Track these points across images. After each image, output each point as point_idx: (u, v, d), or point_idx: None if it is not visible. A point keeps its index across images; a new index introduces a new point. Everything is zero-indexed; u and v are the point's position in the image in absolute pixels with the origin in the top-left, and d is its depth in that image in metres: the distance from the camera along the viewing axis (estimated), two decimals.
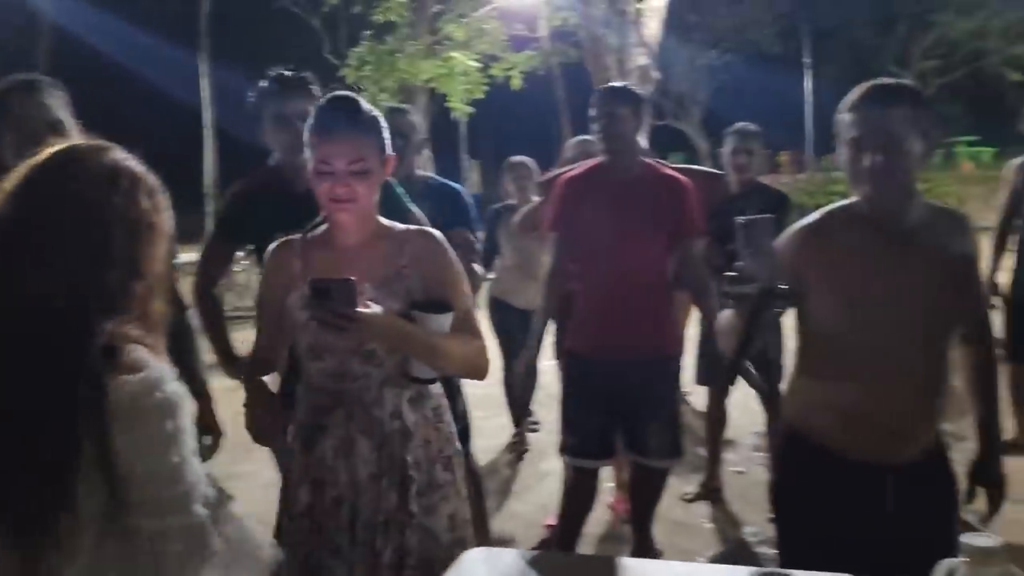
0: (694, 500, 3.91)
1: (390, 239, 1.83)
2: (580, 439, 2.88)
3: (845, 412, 1.72)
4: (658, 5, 9.60)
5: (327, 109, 1.76)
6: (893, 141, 1.62)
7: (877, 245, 1.70)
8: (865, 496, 1.72)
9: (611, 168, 2.83)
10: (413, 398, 1.82)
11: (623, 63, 9.30)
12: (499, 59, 10.15)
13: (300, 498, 1.79)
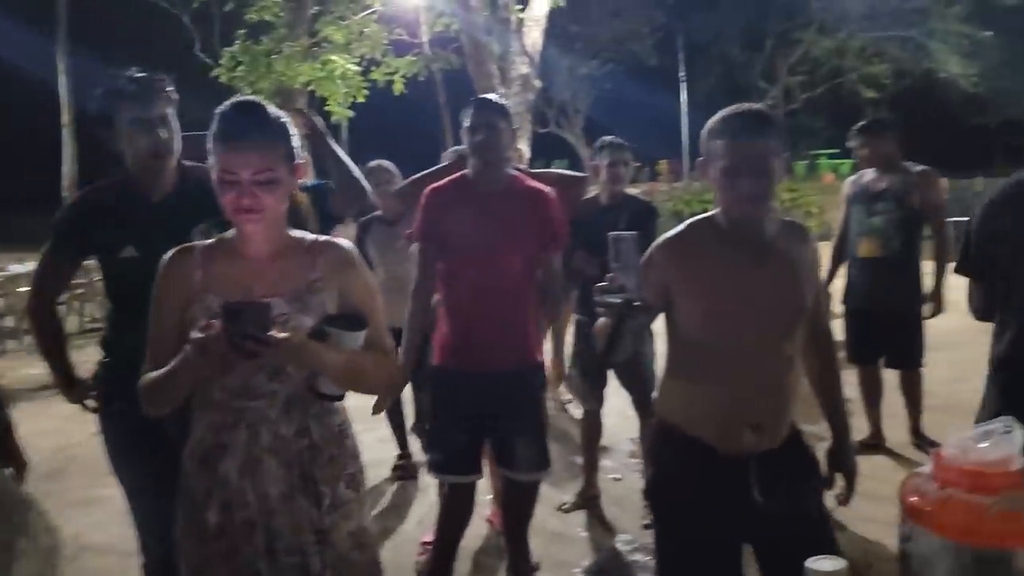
0: (571, 510, 3.92)
1: (301, 251, 1.76)
2: (446, 455, 2.84)
3: (710, 410, 1.88)
4: (539, 15, 9.73)
5: (231, 115, 1.67)
6: (761, 168, 1.79)
7: (735, 257, 1.85)
8: (731, 483, 1.87)
9: (478, 180, 2.81)
10: (319, 415, 1.76)
11: (505, 71, 9.37)
12: (380, 63, 10.02)
13: (209, 520, 1.70)
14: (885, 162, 4.37)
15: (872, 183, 4.40)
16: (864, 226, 4.39)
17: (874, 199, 4.35)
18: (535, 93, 9.60)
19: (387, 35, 9.82)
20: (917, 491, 1.28)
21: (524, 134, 9.49)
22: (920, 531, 1.25)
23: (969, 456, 1.25)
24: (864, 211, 4.40)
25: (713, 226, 1.91)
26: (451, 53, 10.48)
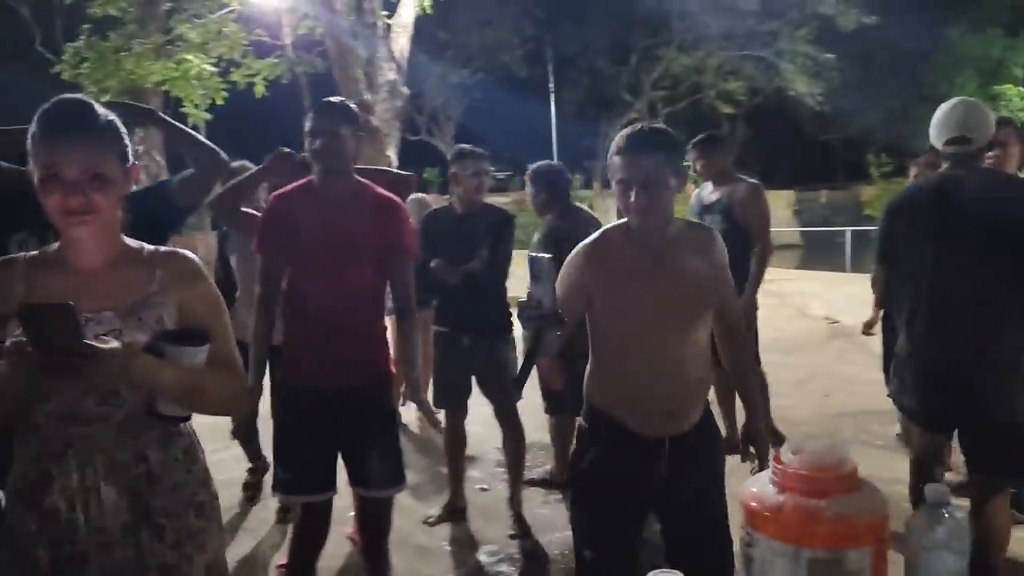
0: (436, 523, 3.86)
1: (138, 262, 1.63)
2: (294, 474, 2.72)
3: (628, 397, 2.10)
4: (407, 20, 9.65)
5: (55, 112, 1.54)
6: (650, 181, 1.98)
7: (639, 259, 2.05)
8: (647, 462, 2.10)
9: (324, 187, 2.71)
10: (160, 439, 1.64)
11: (373, 77, 9.23)
12: (240, 64, 9.65)
13: (40, 558, 1.56)
14: (718, 175, 4.55)
15: (706, 195, 4.58)
16: None
17: (706, 211, 4.52)
18: (404, 100, 9.51)
19: (247, 36, 9.47)
20: (756, 496, 1.29)
21: (392, 141, 9.38)
22: (759, 536, 1.26)
23: (804, 461, 1.28)
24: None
25: (623, 231, 2.11)
26: (315, 57, 10.22)
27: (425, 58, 19.69)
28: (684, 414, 2.12)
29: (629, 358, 2.08)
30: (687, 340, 2.09)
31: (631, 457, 2.11)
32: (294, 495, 2.78)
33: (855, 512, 1.24)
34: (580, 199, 21.64)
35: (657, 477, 2.10)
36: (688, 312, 2.09)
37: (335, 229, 2.64)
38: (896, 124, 24.01)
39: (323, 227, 2.64)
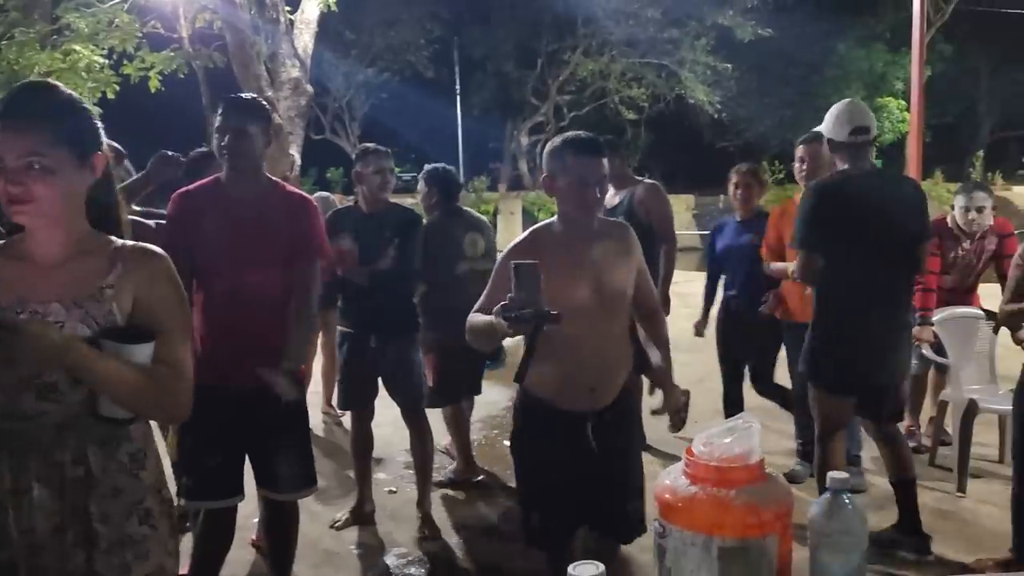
0: (344, 527, 3.79)
1: (102, 255, 1.58)
2: (199, 480, 2.63)
3: (558, 379, 2.34)
4: (311, 17, 9.44)
5: (9, 97, 1.51)
6: (604, 180, 2.33)
7: (569, 253, 2.32)
8: (575, 435, 2.37)
9: (232, 185, 2.64)
10: (103, 441, 1.57)
11: (275, 74, 8.99)
12: (134, 57, 9.22)
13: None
14: (617, 179, 4.64)
15: (608, 199, 4.67)
16: None
17: (609, 214, 4.61)
18: (308, 98, 9.30)
19: (141, 27, 9.05)
20: (669, 488, 1.32)
21: (296, 140, 9.17)
22: (672, 527, 1.29)
23: (714, 452, 1.31)
24: None
25: (550, 229, 2.39)
26: (214, 51, 9.88)
27: (330, 56, 19.37)
28: (606, 390, 2.40)
29: (559, 343, 2.20)
30: (612, 324, 2.36)
31: (562, 431, 2.37)
32: (200, 501, 2.68)
33: (762, 501, 1.28)
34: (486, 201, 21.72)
35: (587, 447, 2.37)
36: (614, 299, 2.36)
37: (243, 227, 2.57)
38: (789, 132, 25.09)
39: (230, 225, 2.57)
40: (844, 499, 1.29)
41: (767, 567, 1.26)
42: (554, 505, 2.44)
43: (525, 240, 2.38)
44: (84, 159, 1.54)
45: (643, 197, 4.41)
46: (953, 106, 24.45)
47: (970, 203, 4.35)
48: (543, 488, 2.45)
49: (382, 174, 3.67)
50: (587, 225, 2.36)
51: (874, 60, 24.16)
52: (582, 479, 2.40)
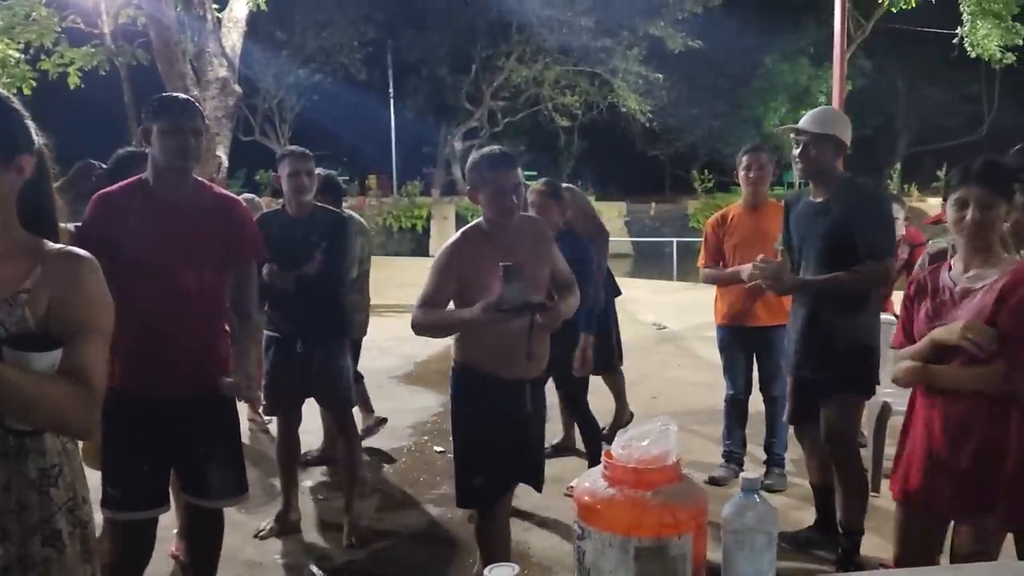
0: (268, 536, 3.71)
1: (24, 258, 1.51)
2: (124, 490, 2.54)
3: (499, 351, 2.69)
4: (240, 16, 9.25)
5: None
6: (519, 188, 2.76)
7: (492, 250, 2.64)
8: (515, 400, 2.78)
9: (159, 186, 2.56)
10: (10, 455, 1.47)
11: (201, 72, 8.77)
12: (52, 52, 8.90)
13: None
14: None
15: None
16: None
17: None
18: (236, 98, 9.11)
19: (60, 21, 8.74)
20: (588, 491, 1.33)
21: (224, 141, 8.96)
22: (590, 529, 1.30)
23: (632, 455, 1.33)
24: None
25: (478, 229, 2.76)
26: (138, 48, 9.59)
27: (260, 56, 19.01)
28: (541, 357, 2.78)
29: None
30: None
31: (503, 397, 2.74)
32: (124, 512, 2.58)
33: (678, 501, 1.30)
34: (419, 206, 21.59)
35: (526, 411, 2.81)
36: (536, 280, 2.70)
37: (170, 229, 2.50)
38: (717, 142, 25.69)
39: (158, 227, 2.49)
40: (755, 498, 1.32)
41: (683, 566, 1.28)
42: (496, 467, 2.77)
43: (459, 240, 2.74)
44: (10, 161, 1.49)
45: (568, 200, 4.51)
46: (872, 120, 25.36)
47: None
48: (486, 452, 2.76)
49: (297, 177, 3.59)
50: (508, 224, 2.72)
51: (799, 74, 24.93)
52: (520, 440, 2.81)
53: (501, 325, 2.56)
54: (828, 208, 3.21)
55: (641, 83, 22.09)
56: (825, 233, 3.20)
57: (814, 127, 3.24)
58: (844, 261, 3.13)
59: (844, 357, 3.19)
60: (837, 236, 3.15)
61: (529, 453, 2.89)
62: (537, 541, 3.64)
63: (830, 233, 3.18)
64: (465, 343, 2.80)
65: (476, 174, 2.70)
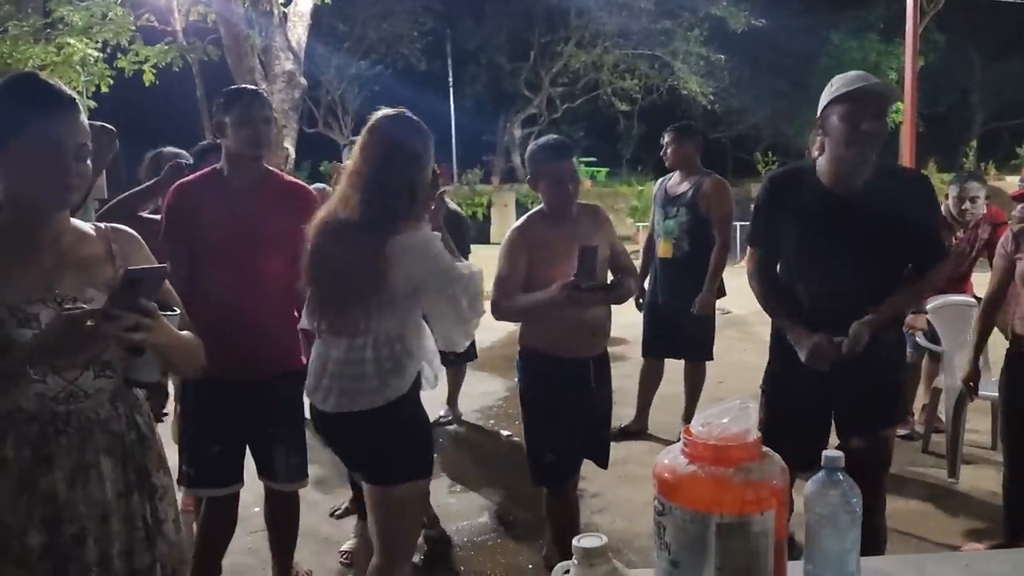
0: (344, 515, 3.82)
1: (93, 239, 1.67)
2: (202, 468, 2.67)
3: (563, 332, 2.80)
4: (304, 10, 9.43)
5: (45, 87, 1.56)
6: (575, 177, 2.86)
7: (558, 232, 2.82)
8: (580, 379, 2.88)
9: (232, 175, 2.65)
10: (137, 404, 1.72)
11: (269, 66, 8.98)
12: (128, 51, 9.21)
13: (30, 543, 1.54)
14: (685, 166, 4.66)
15: (672, 187, 4.69)
16: (660, 228, 4.68)
17: (671, 203, 4.63)
18: (301, 91, 9.31)
19: (135, 20, 9.04)
20: (668, 467, 1.35)
21: (291, 133, 9.17)
22: (671, 505, 1.31)
23: (712, 432, 1.34)
24: (662, 214, 4.68)
25: (543, 215, 2.91)
26: (208, 44, 9.85)
27: (323, 49, 19.31)
28: (603, 334, 2.94)
29: None
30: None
31: (568, 377, 2.85)
32: (200, 489, 2.72)
33: (760, 478, 1.30)
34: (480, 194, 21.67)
35: (589, 389, 2.90)
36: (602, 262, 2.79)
37: (245, 217, 2.59)
38: (782, 123, 25.10)
39: (230, 216, 2.58)
40: (839, 475, 1.32)
41: (765, 542, 1.29)
42: (564, 446, 2.88)
43: (524, 222, 2.91)
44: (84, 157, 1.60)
45: (708, 191, 4.47)
46: (946, 96, 24.47)
47: (964, 193, 4.39)
48: (555, 432, 2.86)
49: None
50: (567, 211, 2.86)
51: (868, 50, 24.15)
52: (586, 418, 2.91)
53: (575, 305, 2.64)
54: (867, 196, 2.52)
55: (702, 64, 21.73)
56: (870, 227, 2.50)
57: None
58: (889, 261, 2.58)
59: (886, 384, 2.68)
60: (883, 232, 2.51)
61: (594, 430, 3.00)
62: (604, 523, 3.67)
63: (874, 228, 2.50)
64: (530, 326, 2.93)
65: (533, 164, 2.87)
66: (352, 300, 2.16)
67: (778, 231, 2.68)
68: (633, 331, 5.04)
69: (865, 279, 2.53)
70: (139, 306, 1.47)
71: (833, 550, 1.32)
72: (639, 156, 26.62)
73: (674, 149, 4.66)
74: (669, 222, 4.60)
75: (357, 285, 2.15)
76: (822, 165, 2.60)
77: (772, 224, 2.70)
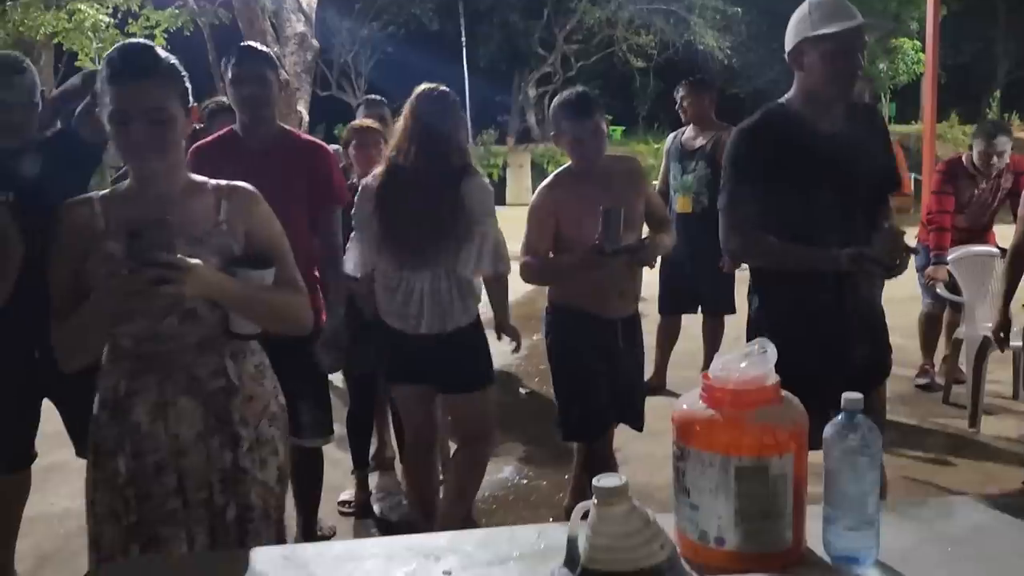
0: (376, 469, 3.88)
1: (205, 193, 1.80)
2: None
3: (594, 290, 2.75)
4: None
5: (121, 56, 1.67)
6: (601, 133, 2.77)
7: (588, 189, 2.72)
8: (609, 336, 2.85)
9: (247, 136, 2.65)
10: (235, 354, 1.81)
11: (280, 29, 8.91)
12: (139, 16, 9.17)
13: (119, 468, 1.73)
14: (702, 120, 4.59)
15: (688, 141, 4.63)
16: (678, 183, 4.62)
17: (688, 157, 4.57)
18: (314, 53, 9.24)
19: None
20: (687, 412, 1.35)
21: (304, 96, 9.12)
22: (690, 449, 1.32)
23: (731, 376, 1.34)
24: (679, 168, 4.62)
25: (571, 172, 2.84)
26: (219, 8, 9.79)
27: (333, 11, 19.11)
28: (632, 295, 2.92)
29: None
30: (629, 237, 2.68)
31: (596, 334, 2.82)
32: None
33: (779, 422, 1.31)
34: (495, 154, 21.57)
35: (617, 348, 2.87)
36: (632, 218, 2.75)
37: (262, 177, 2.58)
38: None
39: (249, 175, 2.57)
40: (859, 419, 1.32)
41: (783, 485, 1.29)
42: (592, 401, 2.87)
43: (551, 182, 2.87)
44: (187, 109, 1.74)
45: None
46: (969, 46, 23.90)
47: (992, 148, 4.32)
48: (583, 388, 2.87)
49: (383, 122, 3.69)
50: (595, 166, 2.78)
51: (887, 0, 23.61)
52: (614, 377, 2.88)
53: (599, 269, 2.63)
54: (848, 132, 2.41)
55: (719, 18, 21.35)
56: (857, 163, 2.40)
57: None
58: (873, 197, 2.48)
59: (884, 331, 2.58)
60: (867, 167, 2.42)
61: (625, 394, 2.96)
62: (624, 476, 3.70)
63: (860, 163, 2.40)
64: (559, 283, 2.92)
65: (556, 121, 2.80)
66: (433, 236, 2.61)
67: (761, 186, 2.36)
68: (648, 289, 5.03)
69: (858, 218, 2.38)
70: (155, 259, 1.50)
71: (853, 492, 1.32)
72: (655, 114, 26.28)
73: (691, 103, 4.60)
74: (687, 177, 4.55)
75: (437, 223, 2.60)
76: (798, 105, 2.37)
77: (756, 179, 2.37)
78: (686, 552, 1.31)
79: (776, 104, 2.44)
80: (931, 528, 1.42)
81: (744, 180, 2.40)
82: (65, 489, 3.62)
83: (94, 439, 1.78)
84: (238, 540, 1.79)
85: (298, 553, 1.50)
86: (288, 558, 1.47)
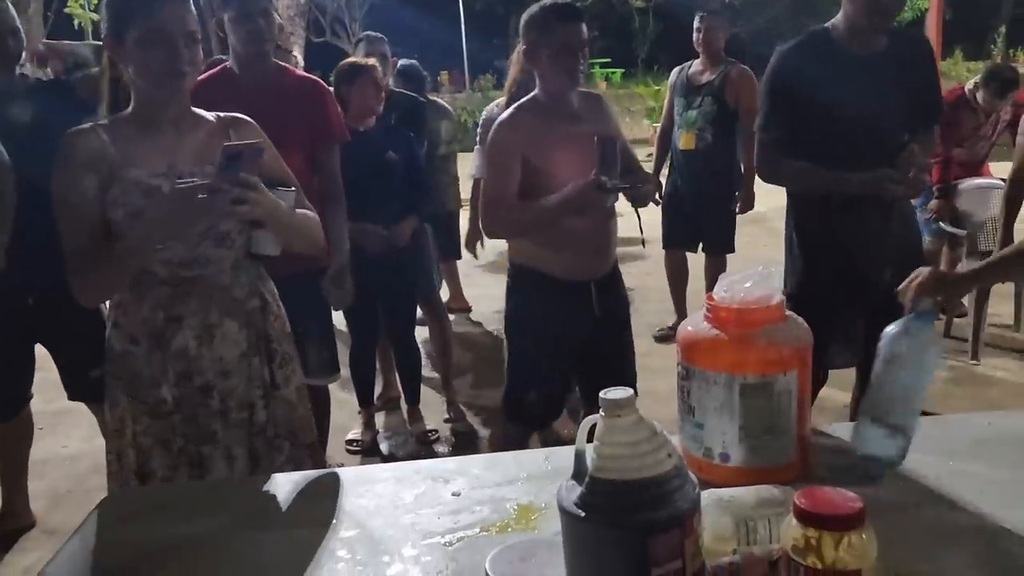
0: (382, 409, 3.93)
1: (210, 123, 1.80)
2: None
3: (561, 246, 2.31)
4: None
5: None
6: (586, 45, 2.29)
7: (557, 124, 2.30)
8: (579, 304, 2.37)
9: (244, 74, 2.61)
10: (262, 275, 1.86)
11: None
12: None
13: (163, 396, 1.74)
14: (714, 53, 4.50)
15: (695, 75, 4.54)
16: (682, 119, 4.55)
17: (694, 92, 4.50)
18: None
19: None
20: (692, 333, 1.36)
21: (298, 41, 8.98)
22: (695, 369, 1.33)
23: (735, 296, 1.34)
24: (683, 103, 4.55)
25: (535, 103, 2.34)
26: None
27: None
28: (607, 251, 2.43)
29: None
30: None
31: (563, 303, 2.37)
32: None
33: (783, 340, 1.32)
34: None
35: (591, 314, 2.39)
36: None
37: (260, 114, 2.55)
38: (802, 16, 24.23)
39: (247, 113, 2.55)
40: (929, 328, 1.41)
41: (788, 402, 1.31)
42: (551, 385, 2.49)
43: (513, 114, 2.33)
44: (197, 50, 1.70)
45: (736, 80, 4.34)
46: None
47: (1000, 103, 4.34)
48: (542, 368, 2.44)
49: (377, 59, 3.66)
50: (568, 99, 2.33)
51: None
52: (585, 347, 2.43)
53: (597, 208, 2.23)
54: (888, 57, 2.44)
55: None
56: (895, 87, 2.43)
57: None
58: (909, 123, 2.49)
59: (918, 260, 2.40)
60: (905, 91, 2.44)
61: (598, 367, 2.45)
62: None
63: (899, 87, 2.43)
64: (518, 243, 2.44)
65: (538, 29, 2.28)
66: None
67: (797, 110, 2.45)
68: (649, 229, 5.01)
69: (891, 145, 2.40)
70: (241, 180, 1.53)
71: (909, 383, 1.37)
72: (655, 55, 25.89)
73: (707, 33, 4.50)
74: (691, 112, 4.48)
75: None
76: (840, 30, 2.46)
77: (792, 102, 2.46)
78: (691, 468, 1.31)
79: (821, 27, 2.52)
80: (933, 444, 1.44)
81: (779, 101, 2.50)
82: (77, 433, 3.67)
83: (129, 373, 1.74)
84: (275, 459, 1.83)
85: (311, 479, 1.53)
86: (300, 484, 1.50)
